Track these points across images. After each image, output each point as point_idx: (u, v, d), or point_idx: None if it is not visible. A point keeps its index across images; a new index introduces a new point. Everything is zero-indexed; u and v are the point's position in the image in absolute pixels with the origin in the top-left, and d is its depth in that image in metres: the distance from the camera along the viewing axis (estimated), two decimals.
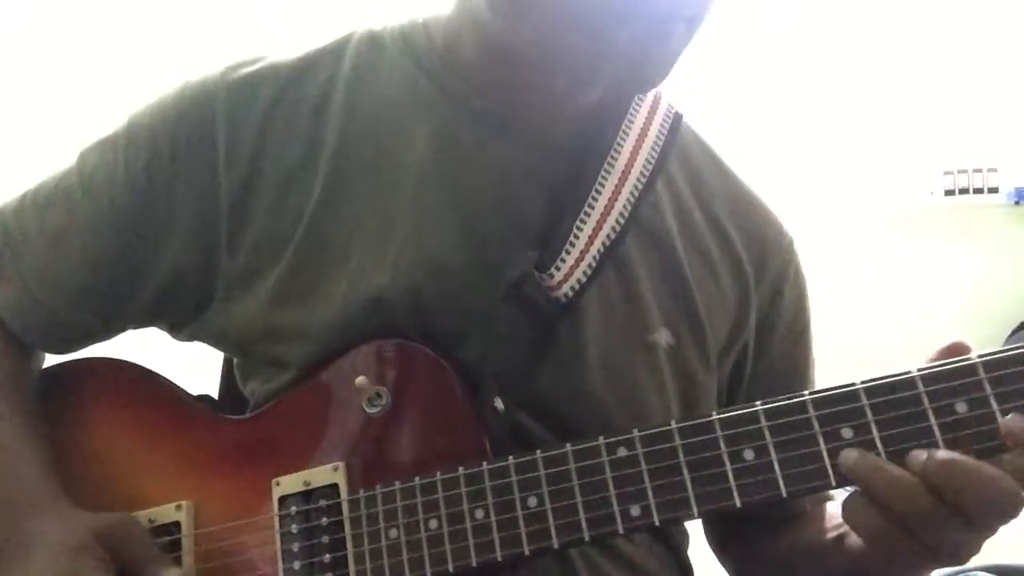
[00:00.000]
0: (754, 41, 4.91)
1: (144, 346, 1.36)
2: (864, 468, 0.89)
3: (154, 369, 1.28)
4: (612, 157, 1.18)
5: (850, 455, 0.90)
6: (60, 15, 4.10)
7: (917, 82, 5.11)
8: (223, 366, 1.37)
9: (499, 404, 1.09)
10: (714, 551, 1.40)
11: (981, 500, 0.86)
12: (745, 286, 1.27)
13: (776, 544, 1.30)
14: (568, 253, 1.13)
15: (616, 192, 1.17)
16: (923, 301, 4.71)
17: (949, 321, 4.54)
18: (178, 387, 1.27)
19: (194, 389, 1.30)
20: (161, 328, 1.30)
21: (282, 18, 4.04)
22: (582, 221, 1.14)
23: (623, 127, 1.20)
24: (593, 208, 1.15)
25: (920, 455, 0.88)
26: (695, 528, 1.34)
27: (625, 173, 1.18)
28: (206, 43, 3.84)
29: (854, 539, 1.10)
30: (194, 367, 1.42)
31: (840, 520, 1.02)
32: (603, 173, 1.17)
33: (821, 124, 5.04)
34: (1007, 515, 0.87)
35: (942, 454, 0.87)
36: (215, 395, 1.38)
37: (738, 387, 1.30)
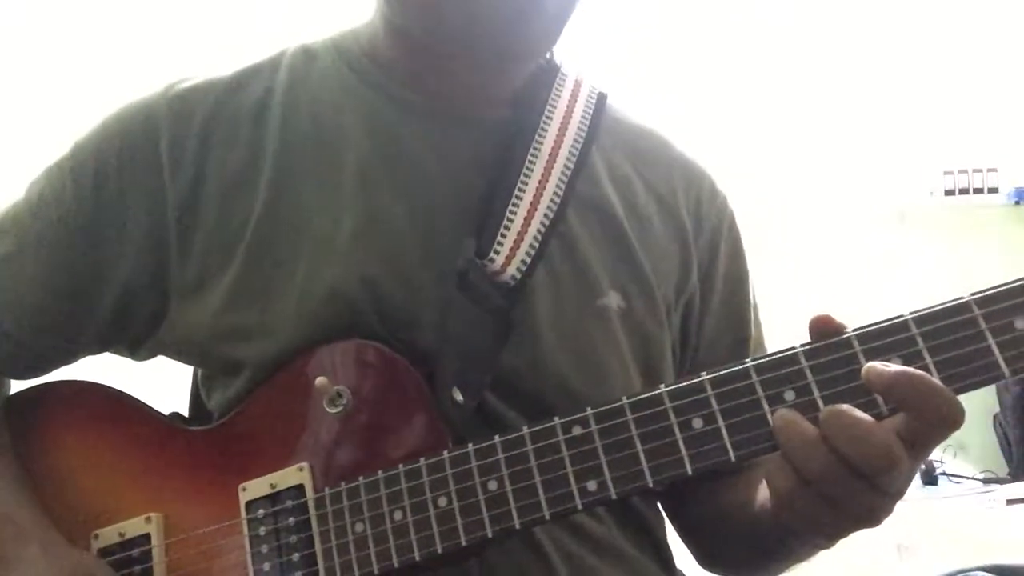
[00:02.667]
0: (754, 42, 4.93)
1: (111, 369, 1.37)
2: (780, 421, 0.91)
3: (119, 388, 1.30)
4: (538, 140, 1.22)
5: (781, 411, 0.92)
6: (60, 16, 4.13)
7: (917, 82, 5.11)
8: (192, 386, 1.38)
9: (458, 396, 1.11)
10: (669, 519, 1.40)
11: (860, 452, 0.87)
12: (685, 242, 1.32)
13: (713, 497, 1.31)
14: (504, 237, 1.16)
15: (547, 173, 1.21)
16: (923, 301, 4.70)
17: None
18: (143, 403, 1.28)
19: (164, 410, 1.30)
20: (120, 351, 1.32)
21: (277, 25, 4.07)
22: (514, 204, 1.18)
23: (546, 112, 1.25)
24: (524, 191, 1.19)
25: (823, 408, 0.90)
26: None
27: (553, 154, 1.22)
28: (202, 49, 3.87)
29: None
30: (162, 389, 1.43)
31: None
32: (530, 157, 1.21)
33: (821, 124, 5.04)
34: (885, 472, 0.88)
35: (834, 407, 0.89)
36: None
37: (687, 341, 1.34)
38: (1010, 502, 3.08)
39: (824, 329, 0.94)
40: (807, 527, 0.98)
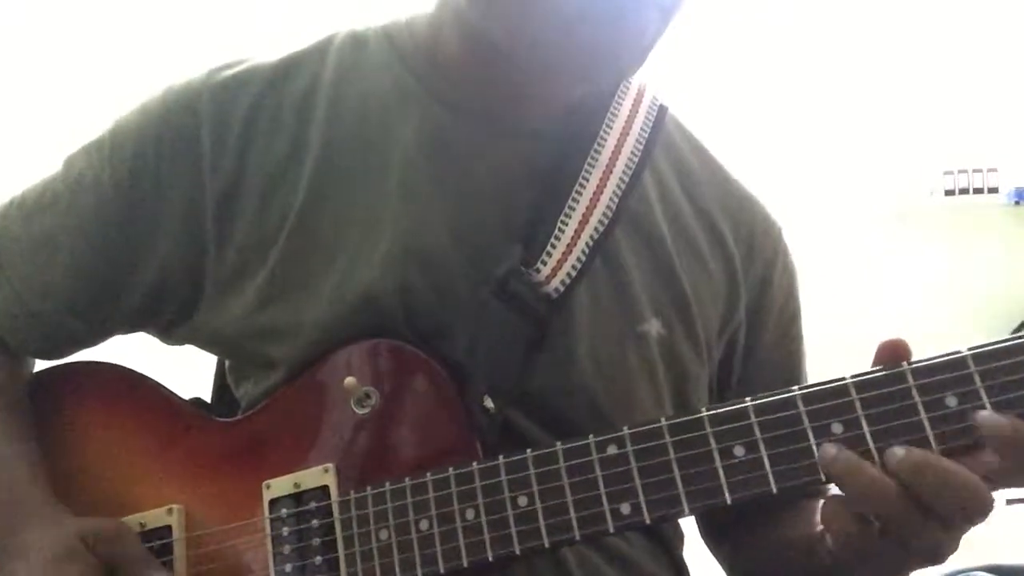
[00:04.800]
0: (755, 41, 4.92)
1: (137, 351, 1.36)
2: (841, 467, 0.89)
3: (145, 373, 1.28)
4: (596, 151, 1.19)
5: (828, 451, 0.90)
6: (60, 15, 4.10)
7: (917, 82, 5.11)
8: (216, 370, 1.37)
9: (489, 403, 1.09)
10: (707, 545, 1.40)
11: (952, 502, 0.86)
12: (733, 275, 1.28)
13: (765, 537, 1.29)
14: (554, 248, 1.13)
15: (601, 186, 1.17)
16: (923, 301, 4.71)
17: (949, 321, 4.53)
18: (168, 390, 1.26)
19: (187, 394, 1.29)
20: (151, 333, 1.30)
21: (279, 19, 4.05)
22: (566, 216, 1.15)
23: (606, 120, 1.21)
24: (578, 203, 1.16)
25: (896, 453, 0.88)
26: (690, 526, 1.34)
27: (610, 166, 1.18)
28: (204, 44, 3.85)
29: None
30: (187, 372, 1.41)
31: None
32: (587, 167, 1.17)
33: (822, 124, 5.04)
34: (976, 518, 0.88)
35: (916, 453, 0.87)
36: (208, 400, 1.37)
37: (729, 379, 1.31)
38: (1010, 502, 3.07)
39: (890, 356, 0.92)
40: (870, 567, 0.97)
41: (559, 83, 1.15)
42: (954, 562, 1.27)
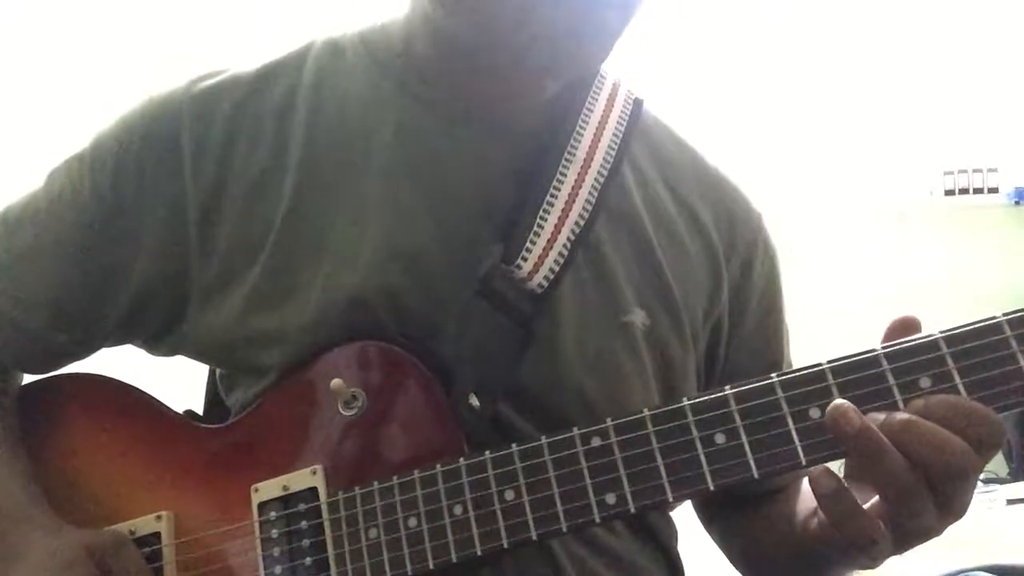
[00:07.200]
0: (755, 41, 4.92)
1: (126, 362, 1.36)
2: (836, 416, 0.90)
3: (133, 383, 1.29)
4: (572, 146, 1.20)
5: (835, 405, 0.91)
6: (60, 16, 4.11)
7: (917, 82, 5.11)
8: (208, 380, 1.37)
9: (474, 401, 1.10)
10: (700, 521, 1.41)
11: (973, 432, 0.88)
12: (716, 262, 1.28)
13: (755, 517, 1.30)
14: (533, 244, 1.14)
15: (580, 180, 1.18)
16: (923, 301, 4.71)
17: (949, 321, 4.53)
18: (156, 399, 1.27)
19: (178, 405, 1.29)
20: (137, 345, 1.30)
21: (260, 26, 4.06)
22: (545, 211, 1.16)
23: (582, 116, 1.22)
24: (556, 197, 1.17)
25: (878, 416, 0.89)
26: (685, 523, 1.34)
27: (587, 160, 1.20)
28: (187, 52, 3.85)
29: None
30: (178, 384, 1.42)
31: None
32: (564, 162, 1.18)
33: (822, 125, 5.03)
34: (966, 477, 0.89)
35: (906, 417, 0.89)
36: (199, 411, 1.37)
37: (714, 364, 1.31)
38: (1010, 502, 3.07)
39: (901, 332, 0.94)
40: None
41: (524, 77, 1.16)
42: (954, 562, 1.28)
